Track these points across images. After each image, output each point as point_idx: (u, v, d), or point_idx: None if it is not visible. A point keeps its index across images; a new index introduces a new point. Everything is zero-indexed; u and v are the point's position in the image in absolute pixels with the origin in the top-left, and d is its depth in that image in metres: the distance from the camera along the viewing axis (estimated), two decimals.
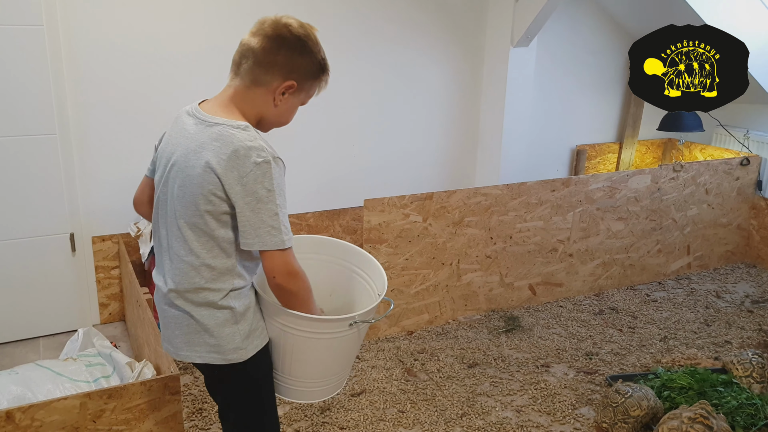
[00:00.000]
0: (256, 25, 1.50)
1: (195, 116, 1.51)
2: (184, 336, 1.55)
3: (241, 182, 1.40)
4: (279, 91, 1.50)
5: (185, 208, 1.47)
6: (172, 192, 1.49)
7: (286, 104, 1.54)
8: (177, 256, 1.51)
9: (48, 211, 3.05)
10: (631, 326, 3.34)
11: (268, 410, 1.67)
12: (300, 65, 1.49)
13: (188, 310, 1.53)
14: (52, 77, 2.92)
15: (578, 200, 3.50)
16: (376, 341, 3.12)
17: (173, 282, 1.53)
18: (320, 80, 1.56)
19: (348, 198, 3.77)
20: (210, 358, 1.54)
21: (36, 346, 3.11)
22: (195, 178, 1.43)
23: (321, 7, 3.47)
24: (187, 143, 1.47)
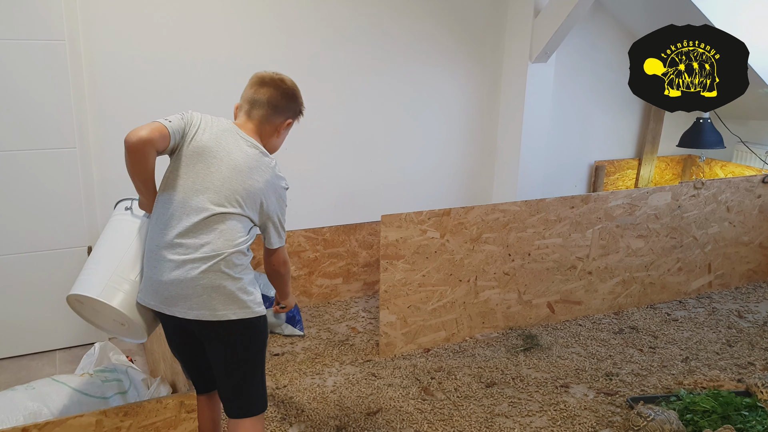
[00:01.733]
0: (257, 79, 2.01)
1: (243, 137, 1.95)
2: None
3: (279, 201, 1.99)
4: (282, 127, 2.05)
5: (245, 203, 1.90)
6: (229, 185, 1.88)
7: (281, 136, 2.08)
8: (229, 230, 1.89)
9: (66, 224, 3.06)
10: (652, 346, 3.28)
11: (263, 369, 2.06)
12: (293, 108, 2.05)
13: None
14: (73, 91, 2.94)
15: (597, 217, 3.46)
16: (392, 358, 3.09)
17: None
18: (297, 119, 2.11)
19: (365, 213, 3.76)
20: (241, 314, 1.89)
21: (53, 359, 3.11)
22: (258, 191, 1.92)
23: (342, 24, 3.48)
24: (246, 160, 1.92)
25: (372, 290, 3.87)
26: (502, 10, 3.89)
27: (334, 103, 3.58)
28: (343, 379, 2.90)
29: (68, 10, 2.86)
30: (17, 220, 2.95)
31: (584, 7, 3.42)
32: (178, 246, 1.84)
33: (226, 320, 1.85)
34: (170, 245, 1.84)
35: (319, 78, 3.50)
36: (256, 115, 1.99)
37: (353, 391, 2.80)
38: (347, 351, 3.16)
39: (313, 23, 3.41)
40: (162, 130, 1.83)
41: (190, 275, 1.82)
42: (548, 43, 3.60)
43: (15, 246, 2.98)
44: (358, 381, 2.88)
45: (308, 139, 3.54)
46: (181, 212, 1.85)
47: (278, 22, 3.32)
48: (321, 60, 3.48)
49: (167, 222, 1.87)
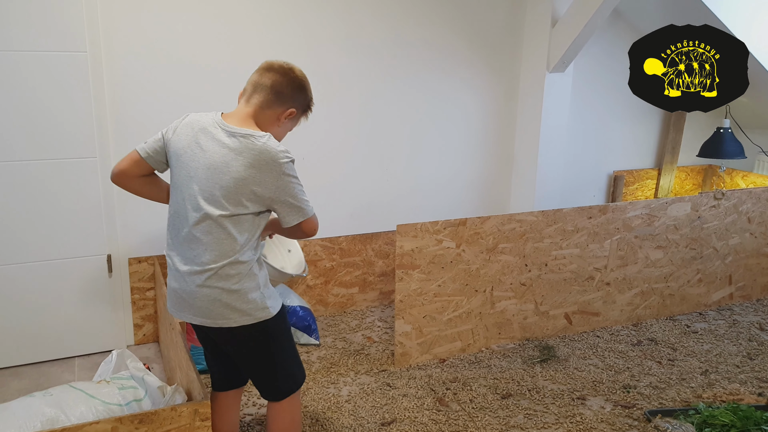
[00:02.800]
0: (265, 65, 1.97)
1: (224, 128, 1.88)
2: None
3: (280, 179, 1.84)
4: (284, 116, 1.97)
5: (229, 204, 1.83)
6: (212, 192, 1.83)
7: (283, 126, 2.01)
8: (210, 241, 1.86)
9: (87, 232, 3.10)
10: (671, 358, 3.24)
11: (296, 353, 2.11)
12: (298, 99, 1.98)
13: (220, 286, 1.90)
14: (94, 102, 2.99)
15: (616, 228, 3.43)
16: (407, 369, 3.08)
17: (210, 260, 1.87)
18: (305, 114, 2.05)
19: (381, 222, 3.76)
20: (242, 321, 1.91)
21: (71, 365, 3.14)
22: (240, 181, 1.81)
23: (360, 33, 3.50)
24: (221, 149, 1.84)
25: (388, 300, 3.87)
26: (520, 19, 3.89)
27: (351, 111, 3.60)
28: (357, 388, 2.90)
29: (90, 21, 2.91)
30: (38, 228, 3.00)
31: (602, 16, 3.41)
32: (176, 255, 1.93)
33: (227, 327, 1.91)
34: (173, 254, 1.94)
35: (338, 86, 3.52)
36: (255, 99, 1.93)
37: (368, 401, 2.80)
38: (362, 360, 3.16)
39: (332, 32, 3.44)
40: (134, 158, 1.98)
41: (188, 287, 1.90)
42: (566, 52, 3.59)
43: (36, 254, 3.03)
44: (372, 391, 2.88)
45: (325, 149, 3.56)
46: (175, 221, 1.94)
47: (299, 31, 3.35)
48: (339, 69, 3.51)
49: (169, 232, 1.97)
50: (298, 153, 3.51)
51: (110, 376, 2.44)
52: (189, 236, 1.87)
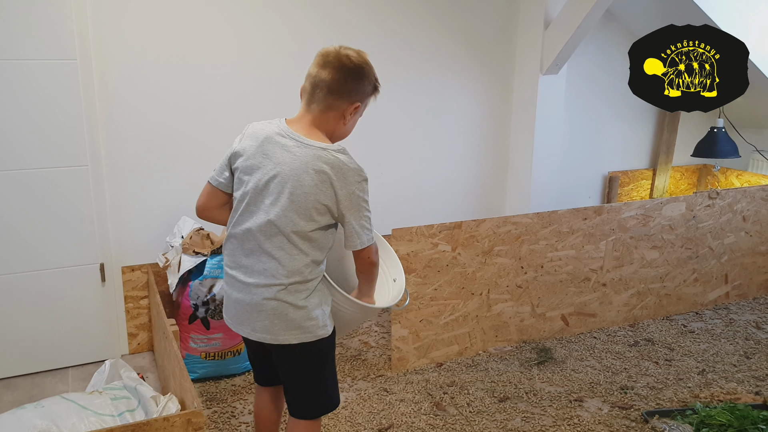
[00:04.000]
0: (320, 58, 1.81)
1: (293, 138, 1.78)
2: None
3: (350, 198, 1.77)
4: (348, 112, 1.83)
5: (299, 219, 1.76)
6: (283, 207, 1.76)
7: (352, 121, 1.89)
8: (282, 255, 1.80)
9: (79, 241, 3.07)
10: (668, 359, 3.23)
11: (334, 383, 2.04)
12: (361, 89, 1.83)
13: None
14: (85, 110, 2.96)
15: (611, 228, 3.42)
16: (404, 373, 3.06)
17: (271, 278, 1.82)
18: (374, 95, 1.91)
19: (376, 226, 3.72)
20: (303, 338, 1.85)
21: (65, 376, 3.12)
22: (311, 194, 1.74)
23: (354, 34, 3.48)
24: (292, 161, 1.75)
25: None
26: (513, 22, 3.88)
27: None
28: (354, 394, 2.88)
29: (80, 28, 2.89)
30: (30, 237, 2.97)
31: (594, 17, 3.40)
32: (240, 268, 1.86)
33: (287, 344, 1.86)
34: (237, 267, 1.87)
35: None
36: (315, 104, 1.80)
37: (365, 407, 2.78)
38: (359, 366, 3.14)
39: (322, 33, 3.42)
40: (207, 190, 1.94)
41: (254, 299, 1.83)
42: (559, 54, 3.58)
43: (28, 263, 3.00)
44: (369, 396, 2.86)
45: None
46: (245, 234, 1.84)
47: (289, 32, 3.33)
48: None
49: (232, 243, 1.89)
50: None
51: (103, 386, 2.42)
52: (257, 249, 1.81)
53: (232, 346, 3.00)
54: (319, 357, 1.93)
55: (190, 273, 3.00)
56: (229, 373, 3.05)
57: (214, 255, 2.97)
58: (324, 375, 1.97)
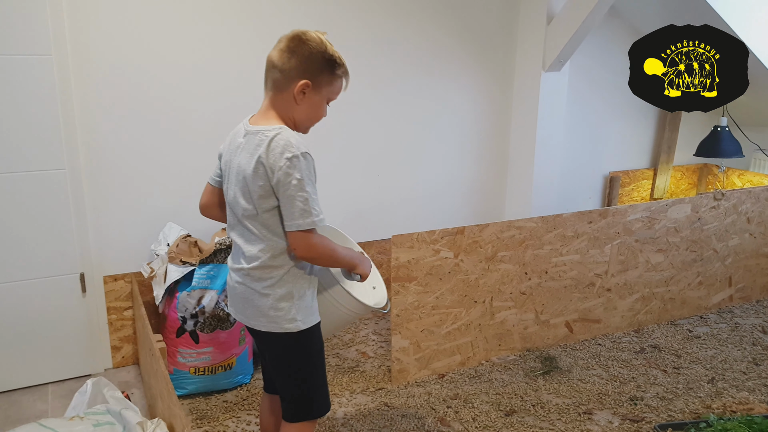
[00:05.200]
0: (277, 41, 1.79)
1: (245, 129, 1.79)
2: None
3: (277, 176, 1.67)
4: (298, 91, 1.74)
5: (247, 203, 1.75)
6: (236, 193, 1.78)
7: (308, 102, 1.77)
8: (243, 242, 1.82)
9: (57, 250, 2.88)
10: (676, 366, 3.12)
11: (317, 387, 1.95)
12: (309, 65, 1.72)
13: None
14: (61, 109, 2.77)
15: (616, 232, 3.30)
16: (405, 386, 2.91)
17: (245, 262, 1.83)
18: (336, 75, 1.77)
19: (373, 230, 3.59)
20: (270, 327, 1.83)
21: (44, 393, 2.93)
22: (250, 178, 1.71)
23: (348, 34, 3.32)
24: (240, 153, 1.77)
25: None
26: (514, 17, 3.74)
27: (340, 116, 3.41)
28: (354, 410, 2.73)
29: (55, 22, 2.69)
30: (3, 246, 2.78)
31: (599, 13, 3.27)
32: (231, 255, 1.96)
33: (257, 330, 1.87)
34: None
35: None
36: (268, 87, 1.79)
37: (365, 423, 2.63)
38: (358, 378, 2.99)
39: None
40: (207, 189, 1.99)
41: (231, 282, 1.92)
42: (562, 51, 3.45)
43: (3, 275, 2.81)
44: (370, 412, 2.71)
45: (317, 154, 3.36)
46: (227, 224, 1.94)
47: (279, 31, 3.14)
48: None
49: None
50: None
51: (84, 410, 2.23)
52: (233, 238, 1.88)
53: (223, 360, 2.84)
54: (295, 353, 1.88)
55: (177, 283, 2.82)
56: (221, 388, 2.89)
57: (203, 264, 2.80)
58: (304, 375, 1.91)
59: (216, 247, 2.81)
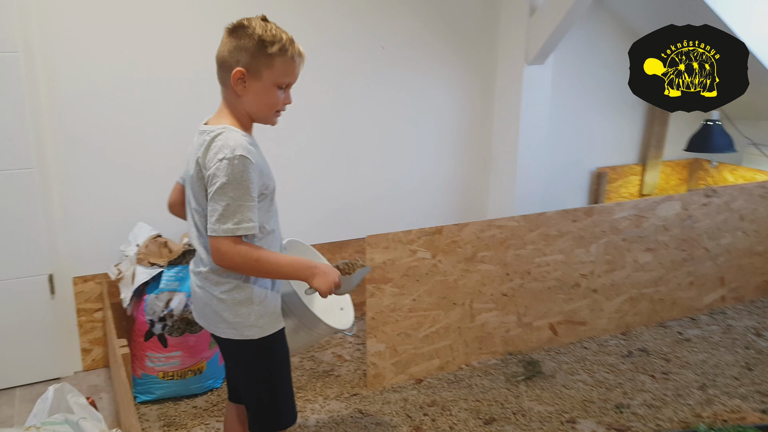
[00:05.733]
0: None
1: (199, 129, 1.73)
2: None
3: (207, 176, 1.62)
4: (235, 82, 1.65)
5: (196, 204, 1.71)
6: (188, 193, 1.76)
7: (251, 92, 1.67)
8: (198, 244, 1.76)
9: (24, 250, 2.80)
10: (665, 371, 3.02)
11: (286, 389, 1.87)
12: (240, 51, 1.63)
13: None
14: (29, 107, 2.69)
15: (602, 231, 3.20)
16: (381, 392, 2.82)
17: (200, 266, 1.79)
18: (272, 55, 1.63)
19: (352, 229, 3.49)
20: (228, 334, 1.75)
21: (11, 397, 2.85)
22: (194, 178, 1.68)
23: (324, 28, 3.22)
24: (191, 152, 1.73)
25: (359, 312, 3.59)
26: (495, 8, 3.63)
27: (317, 112, 3.32)
28: (326, 416, 2.64)
29: (22, 19, 2.61)
30: None
31: (584, 4, 3.16)
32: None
33: (218, 336, 1.80)
34: None
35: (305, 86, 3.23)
36: (221, 88, 1.74)
37: (338, 431, 2.54)
38: (332, 383, 2.90)
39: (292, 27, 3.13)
40: (176, 187, 1.93)
41: (192, 286, 1.86)
42: (545, 43, 3.34)
43: None
44: (343, 419, 2.62)
45: (288, 152, 3.28)
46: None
47: None
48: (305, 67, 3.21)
49: None
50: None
51: (42, 419, 2.15)
52: (191, 240, 1.83)
53: (192, 364, 2.75)
54: (257, 361, 1.81)
55: (146, 285, 2.73)
56: (191, 393, 2.80)
57: (172, 266, 2.71)
58: (268, 384, 1.83)
59: (185, 248, 2.73)
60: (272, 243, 1.77)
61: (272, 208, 1.77)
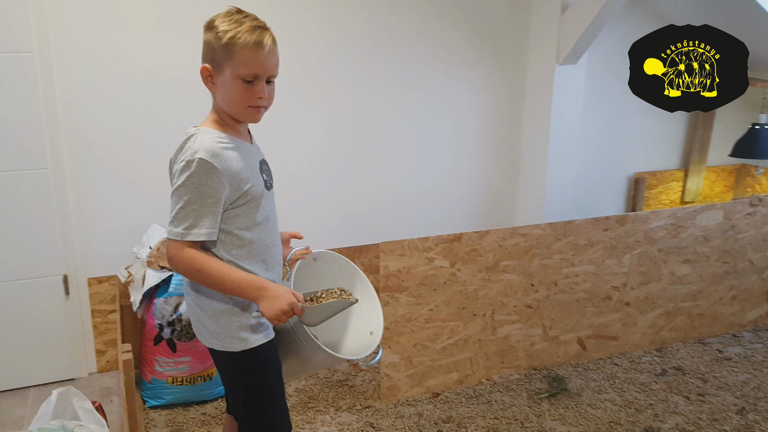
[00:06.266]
0: None
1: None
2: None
3: (172, 177, 1.60)
4: (204, 79, 1.62)
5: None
6: None
7: (219, 87, 1.61)
8: None
9: (39, 251, 2.78)
10: (701, 392, 2.82)
11: (272, 409, 1.75)
12: (206, 49, 1.59)
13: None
14: (44, 108, 2.67)
15: (636, 240, 3.02)
16: (395, 405, 2.71)
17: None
18: (228, 46, 1.54)
19: (371, 234, 3.38)
20: (212, 344, 1.68)
21: (24, 398, 2.83)
22: (170, 179, 1.65)
23: (345, 26, 3.12)
24: None
25: None
26: (526, 6, 3.47)
27: (335, 113, 3.22)
28: (336, 429, 2.54)
29: (37, 19, 2.59)
30: None
31: (618, 0, 2.99)
32: None
33: (208, 346, 1.74)
34: None
35: (320, 85, 3.16)
36: None
37: None
38: (345, 394, 2.79)
39: (312, 25, 3.07)
40: None
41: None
42: (578, 42, 3.17)
43: None
44: None
45: (307, 154, 3.20)
46: None
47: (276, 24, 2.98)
48: (321, 65, 3.14)
49: None
50: (275, 159, 3.14)
51: (39, 425, 2.11)
52: None
53: (202, 370, 2.69)
54: (242, 374, 1.71)
55: (157, 288, 2.68)
56: (201, 399, 2.74)
57: None
58: (256, 398, 1.73)
59: None
60: (255, 252, 1.65)
61: (256, 216, 1.64)
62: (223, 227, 1.60)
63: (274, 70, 1.62)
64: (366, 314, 1.93)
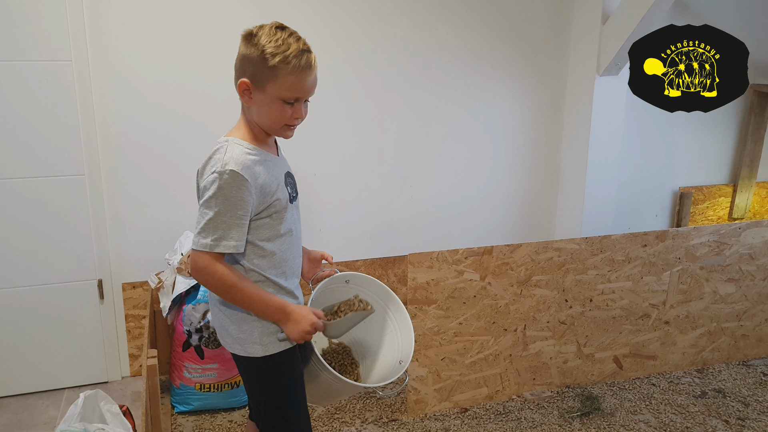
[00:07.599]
0: None
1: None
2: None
3: (201, 188, 1.58)
4: (240, 93, 1.59)
5: None
6: None
7: (256, 104, 1.59)
8: None
9: (75, 255, 2.84)
10: (741, 417, 2.69)
11: (292, 418, 1.75)
12: (247, 63, 1.56)
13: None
14: (81, 115, 2.72)
15: (677, 257, 2.91)
16: (422, 419, 2.66)
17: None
18: (274, 68, 1.52)
19: (405, 245, 3.34)
20: (235, 349, 1.69)
21: (58, 399, 2.89)
22: (197, 190, 1.64)
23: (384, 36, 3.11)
24: None
25: None
26: (566, 16, 3.40)
27: (374, 122, 3.21)
28: None
29: (74, 28, 2.64)
30: (23, 251, 2.76)
31: (661, 9, 2.90)
32: None
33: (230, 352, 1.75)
34: None
35: (358, 95, 3.15)
36: None
37: None
38: (372, 406, 2.76)
39: (354, 36, 3.06)
40: None
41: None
42: (619, 52, 3.08)
43: (21, 279, 2.79)
44: None
45: (341, 162, 3.19)
46: None
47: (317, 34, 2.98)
48: (361, 75, 3.12)
49: None
50: (309, 168, 3.16)
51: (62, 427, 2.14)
52: None
53: (229, 377, 2.69)
54: (263, 381, 1.72)
55: (187, 293, 2.71)
56: (228, 406, 2.75)
57: None
58: (277, 406, 1.73)
59: None
60: (276, 263, 1.65)
61: (280, 228, 1.63)
62: (247, 237, 1.60)
63: (314, 90, 1.62)
64: (398, 338, 1.94)
